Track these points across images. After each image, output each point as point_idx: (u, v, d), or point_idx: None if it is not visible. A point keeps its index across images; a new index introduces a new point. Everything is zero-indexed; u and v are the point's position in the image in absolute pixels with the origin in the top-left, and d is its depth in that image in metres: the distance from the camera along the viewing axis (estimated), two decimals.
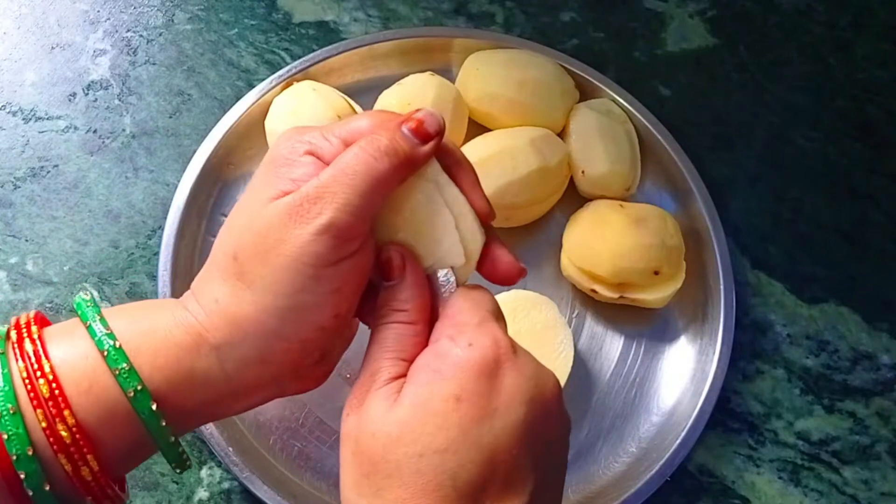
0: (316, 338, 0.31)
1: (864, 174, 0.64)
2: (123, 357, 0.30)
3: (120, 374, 0.29)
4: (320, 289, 0.31)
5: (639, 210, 0.56)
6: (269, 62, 0.65)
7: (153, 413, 0.30)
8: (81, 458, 0.29)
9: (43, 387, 0.29)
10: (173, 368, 0.30)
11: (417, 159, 0.33)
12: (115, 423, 0.30)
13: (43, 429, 0.29)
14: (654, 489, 0.50)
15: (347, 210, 0.31)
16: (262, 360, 0.31)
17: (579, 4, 0.69)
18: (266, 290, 0.31)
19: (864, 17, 0.71)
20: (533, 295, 0.54)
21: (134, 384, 0.29)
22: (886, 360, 0.58)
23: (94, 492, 0.30)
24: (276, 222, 0.31)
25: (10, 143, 0.61)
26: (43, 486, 0.29)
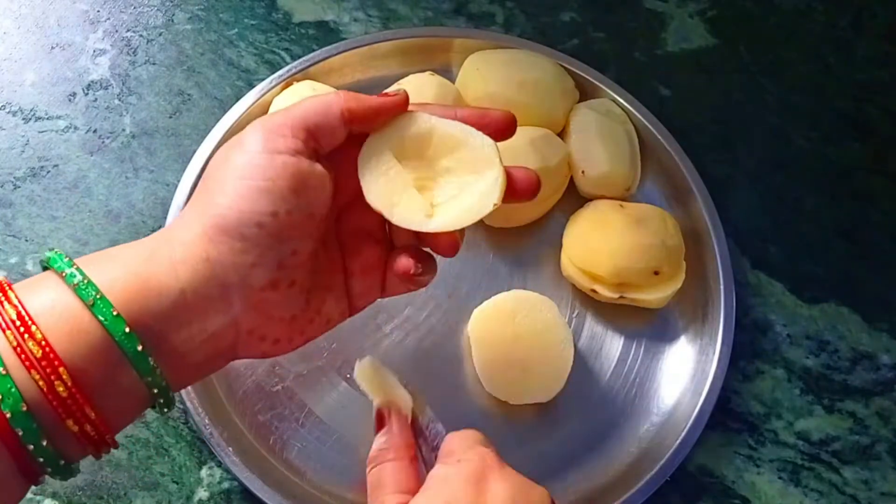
0: (255, 236, 0.33)
1: (864, 174, 0.64)
2: (93, 287, 0.31)
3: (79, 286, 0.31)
4: (253, 173, 0.34)
5: (639, 210, 0.56)
6: (269, 62, 0.65)
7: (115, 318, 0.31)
8: (53, 372, 0.29)
9: (9, 311, 0.30)
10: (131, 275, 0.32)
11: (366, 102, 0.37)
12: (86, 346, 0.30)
13: (13, 348, 0.29)
14: (654, 489, 0.50)
15: (287, 114, 0.36)
16: (207, 259, 0.33)
17: (579, 4, 0.69)
18: (214, 184, 0.34)
19: (864, 17, 0.71)
20: (533, 295, 0.54)
21: (91, 293, 0.31)
22: (886, 360, 0.58)
23: (73, 412, 0.30)
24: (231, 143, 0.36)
25: (10, 143, 0.61)
26: (41, 441, 0.29)
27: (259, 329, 0.35)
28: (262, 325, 0.35)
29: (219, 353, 0.35)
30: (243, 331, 0.35)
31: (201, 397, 0.51)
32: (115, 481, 0.50)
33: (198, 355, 0.34)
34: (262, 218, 0.33)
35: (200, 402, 0.50)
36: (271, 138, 0.35)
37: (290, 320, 0.36)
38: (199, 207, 0.34)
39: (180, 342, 0.33)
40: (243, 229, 0.33)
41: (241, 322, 0.34)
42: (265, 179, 0.33)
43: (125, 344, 0.31)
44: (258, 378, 0.53)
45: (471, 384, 0.54)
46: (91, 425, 0.30)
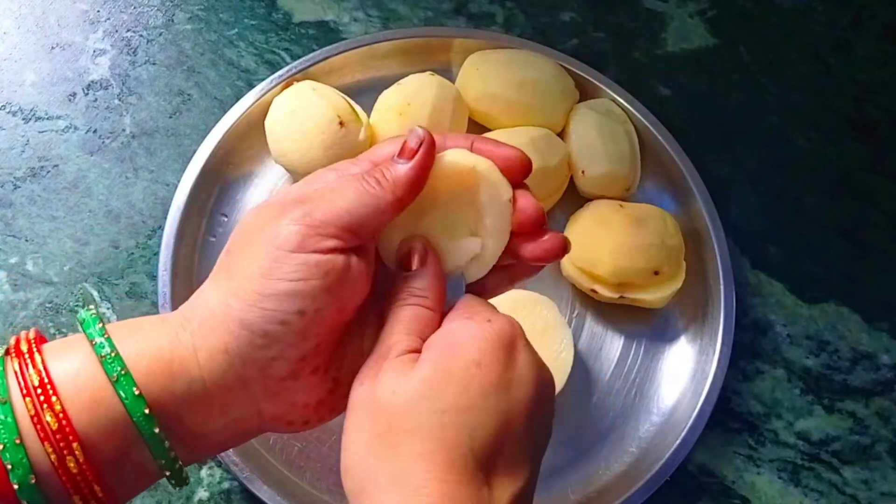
0: (278, 333, 0.31)
1: (864, 174, 0.64)
2: (110, 343, 0.30)
3: (105, 359, 0.30)
4: (284, 274, 0.31)
5: (639, 210, 0.56)
6: (269, 62, 0.65)
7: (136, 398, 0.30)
8: (67, 447, 0.29)
9: (33, 377, 0.29)
10: (154, 356, 0.31)
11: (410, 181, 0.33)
12: (103, 421, 0.30)
13: (31, 417, 0.29)
14: (654, 489, 0.50)
15: (328, 208, 0.32)
16: (227, 350, 0.31)
17: (579, 4, 0.69)
18: (239, 274, 0.32)
19: (864, 17, 0.71)
20: (533, 295, 0.54)
21: (117, 368, 0.30)
22: (886, 360, 0.58)
23: (81, 489, 0.30)
24: (266, 215, 0.33)
25: (10, 143, 0.61)
26: (28, 479, 0.29)
27: (284, 416, 0.33)
28: (287, 412, 0.33)
29: (242, 435, 0.34)
30: (267, 417, 0.33)
31: None
32: None
33: (218, 437, 0.33)
34: (287, 317, 0.31)
35: None
36: (310, 237, 0.31)
37: (316, 405, 0.34)
38: (222, 290, 0.32)
39: (199, 425, 0.32)
40: (266, 326, 0.31)
41: (265, 410, 0.33)
42: (294, 280, 0.31)
43: (142, 425, 0.30)
44: None
45: None
46: (96, 502, 0.30)
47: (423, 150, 0.34)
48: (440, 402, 0.30)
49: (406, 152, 0.34)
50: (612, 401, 0.55)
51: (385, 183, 0.33)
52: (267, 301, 0.31)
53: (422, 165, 0.34)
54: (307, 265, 0.31)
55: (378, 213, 0.33)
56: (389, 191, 0.33)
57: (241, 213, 0.59)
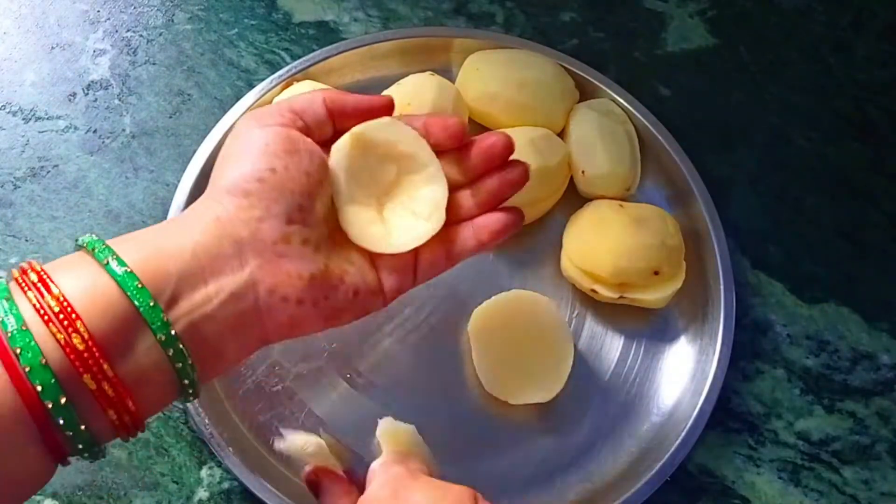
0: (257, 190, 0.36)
1: (864, 174, 0.64)
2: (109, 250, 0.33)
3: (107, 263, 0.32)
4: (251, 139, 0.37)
5: (639, 210, 0.56)
6: (269, 62, 0.65)
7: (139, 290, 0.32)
8: (98, 369, 0.30)
9: (52, 303, 0.30)
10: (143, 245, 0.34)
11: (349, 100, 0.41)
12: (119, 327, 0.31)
13: (57, 340, 0.30)
14: (654, 489, 0.50)
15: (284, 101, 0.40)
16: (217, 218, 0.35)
17: (579, 4, 0.69)
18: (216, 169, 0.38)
19: (864, 17, 0.71)
20: (533, 295, 0.54)
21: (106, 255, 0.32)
22: (886, 360, 0.58)
23: (116, 404, 0.31)
24: None
25: (10, 143, 0.61)
26: (59, 399, 0.29)
27: (279, 288, 0.35)
28: (282, 283, 0.36)
29: (244, 320, 0.35)
30: (262, 290, 0.35)
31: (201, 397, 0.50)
32: (115, 481, 0.50)
33: (219, 322, 0.34)
34: (261, 174, 0.36)
35: (200, 402, 0.50)
36: (260, 117, 0.39)
37: (309, 279, 0.36)
38: (209, 187, 0.38)
39: (197, 303, 0.33)
40: (246, 185, 0.36)
41: (259, 279, 0.35)
42: (260, 144, 0.37)
43: (137, 298, 0.31)
44: (258, 378, 0.53)
45: (471, 384, 0.54)
46: (109, 384, 0.30)
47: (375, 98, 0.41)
48: None
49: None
50: (612, 401, 0.55)
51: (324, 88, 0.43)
52: (242, 165, 0.37)
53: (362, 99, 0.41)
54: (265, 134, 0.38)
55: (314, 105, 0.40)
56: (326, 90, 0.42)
57: None
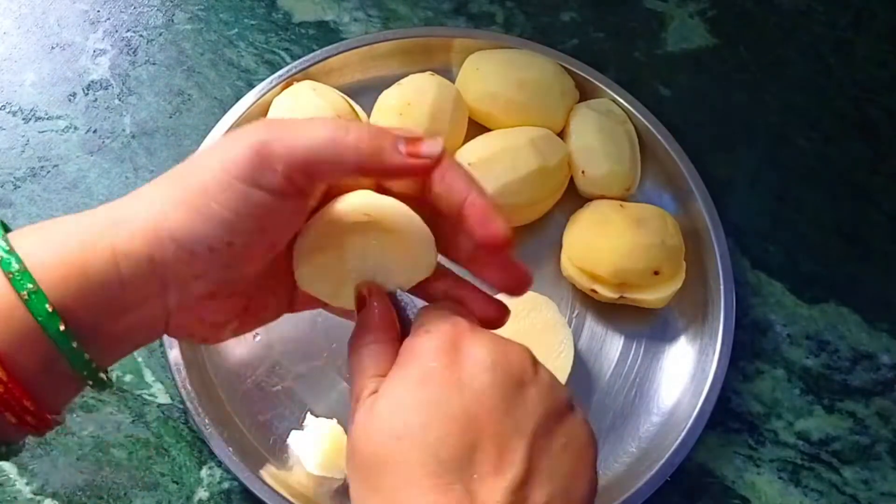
0: (205, 256, 0.31)
1: (864, 174, 0.64)
2: (17, 259, 0.29)
3: (13, 277, 0.29)
4: (223, 201, 0.30)
5: (639, 210, 0.56)
6: (269, 62, 0.65)
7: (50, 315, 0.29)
8: (17, 404, 0.29)
9: None
10: (66, 264, 0.30)
11: (388, 161, 0.32)
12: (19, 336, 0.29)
13: None
14: (654, 489, 0.50)
15: (291, 144, 0.31)
16: (151, 259, 0.30)
17: (579, 4, 0.69)
18: (182, 185, 0.31)
19: (864, 17, 0.71)
20: (533, 295, 0.54)
21: (26, 285, 0.29)
22: (886, 360, 0.58)
23: (12, 406, 0.29)
24: (230, 133, 0.32)
25: (10, 143, 0.61)
26: None
27: (188, 327, 0.34)
28: (193, 325, 0.34)
29: (147, 337, 0.34)
30: (172, 325, 0.33)
31: (201, 397, 0.51)
32: (115, 481, 0.50)
33: (127, 342, 0.33)
34: (215, 244, 0.31)
35: (200, 402, 0.50)
36: (260, 169, 0.30)
37: (222, 324, 0.34)
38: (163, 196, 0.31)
39: (114, 332, 0.31)
40: (194, 247, 0.30)
41: (173, 317, 0.32)
42: (231, 210, 0.30)
43: (60, 340, 0.29)
44: (258, 378, 0.53)
45: None
46: (31, 416, 0.30)
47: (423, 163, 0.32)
48: (394, 430, 0.30)
49: (412, 148, 0.32)
50: (612, 401, 0.55)
51: (360, 137, 0.31)
52: (199, 222, 0.30)
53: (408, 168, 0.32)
54: (246, 199, 0.30)
55: (335, 159, 0.31)
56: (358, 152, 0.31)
57: None
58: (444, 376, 0.30)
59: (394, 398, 0.30)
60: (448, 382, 0.30)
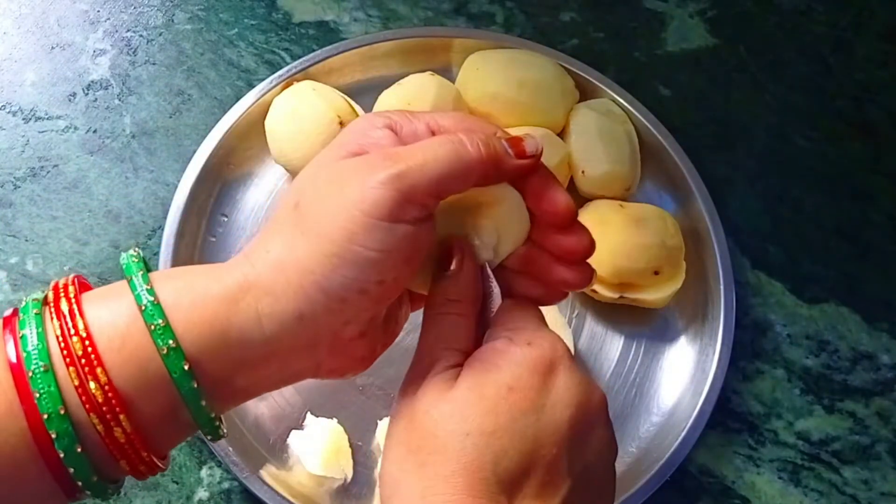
0: (356, 301, 0.30)
1: (864, 174, 0.64)
2: (160, 312, 0.29)
3: (155, 330, 0.29)
4: (370, 243, 0.30)
5: (639, 210, 0.56)
6: (269, 62, 0.65)
7: (185, 373, 0.29)
8: (114, 418, 0.28)
9: (76, 345, 0.28)
10: (208, 323, 0.30)
11: (505, 166, 0.33)
12: (148, 386, 0.29)
13: (75, 387, 0.28)
14: (654, 489, 0.50)
15: (423, 173, 0.30)
16: (301, 317, 0.30)
17: (579, 4, 0.69)
18: (319, 235, 0.30)
19: (864, 17, 0.71)
20: None
21: (167, 341, 0.29)
22: (886, 360, 0.58)
23: (129, 455, 0.29)
24: (346, 171, 0.31)
25: (10, 143, 0.61)
26: (75, 448, 0.28)
27: (340, 368, 0.34)
28: (345, 364, 0.34)
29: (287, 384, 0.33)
30: (324, 370, 0.33)
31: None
32: None
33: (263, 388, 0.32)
34: (367, 286, 0.30)
35: None
36: (401, 205, 0.30)
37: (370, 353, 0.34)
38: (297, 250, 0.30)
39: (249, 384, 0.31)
40: (345, 294, 0.30)
41: (324, 363, 0.33)
42: (379, 251, 0.30)
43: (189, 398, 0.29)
44: None
45: None
46: (144, 465, 0.30)
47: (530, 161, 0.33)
48: (465, 425, 0.30)
49: (518, 149, 0.33)
50: (612, 401, 0.55)
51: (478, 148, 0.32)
52: (348, 268, 0.30)
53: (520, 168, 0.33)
54: (394, 236, 0.30)
55: (464, 180, 0.32)
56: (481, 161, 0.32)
57: (241, 214, 0.59)
58: (530, 395, 0.31)
59: (477, 393, 0.30)
60: (532, 403, 0.31)
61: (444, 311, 0.33)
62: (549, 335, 0.33)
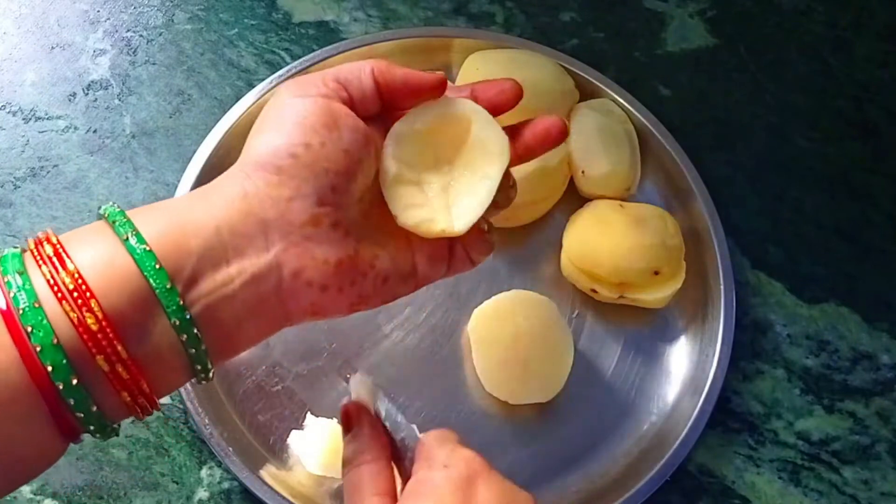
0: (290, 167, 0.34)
1: (864, 174, 0.64)
2: (124, 217, 0.32)
3: (117, 223, 0.32)
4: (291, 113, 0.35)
5: (639, 210, 0.56)
6: (269, 62, 0.65)
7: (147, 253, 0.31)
8: (113, 351, 0.29)
9: (66, 279, 0.30)
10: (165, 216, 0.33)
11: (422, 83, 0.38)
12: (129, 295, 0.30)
13: (70, 319, 0.29)
14: (654, 489, 0.50)
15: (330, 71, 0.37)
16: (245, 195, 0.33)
17: (579, 4, 0.69)
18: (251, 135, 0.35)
19: (864, 17, 0.71)
20: (533, 295, 0.54)
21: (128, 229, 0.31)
22: (886, 360, 0.58)
23: (129, 386, 0.30)
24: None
25: (10, 143, 0.61)
26: (71, 379, 0.29)
27: (304, 272, 0.34)
28: (307, 267, 0.34)
29: (264, 303, 0.34)
30: (287, 273, 0.33)
31: (201, 397, 0.51)
32: (115, 481, 0.50)
33: (238, 304, 0.33)
34: (294, 149, 0.34)
35: (200, 402, 0.50)
36: (302, 85, 0.36)
37: (336, 265, 0.34)
38: (240, 158, 0.35)
39: (217, 284, 0.32)
40: (277, 161, 0.33)
41: (283, 262, 0.33)
42: (297, 116, 0.34)
43: (154, 279, 0.30)
44: (258, 378, 0.53)
45: (471, 384, 0.54)
46: (122, 366, 0.30)
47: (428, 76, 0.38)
48: None
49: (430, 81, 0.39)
50: (612, 401, 0.55)
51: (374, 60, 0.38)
52: (276, 137, 0.34)
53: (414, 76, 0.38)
54: (305, 105, 0.35)
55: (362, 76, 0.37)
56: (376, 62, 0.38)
57: None
58: None
59: None
60: None
61: (358, 463, 0.36)
62: (465, 453, 0.35)
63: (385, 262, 0.37)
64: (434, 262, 0.39)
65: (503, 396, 0.52)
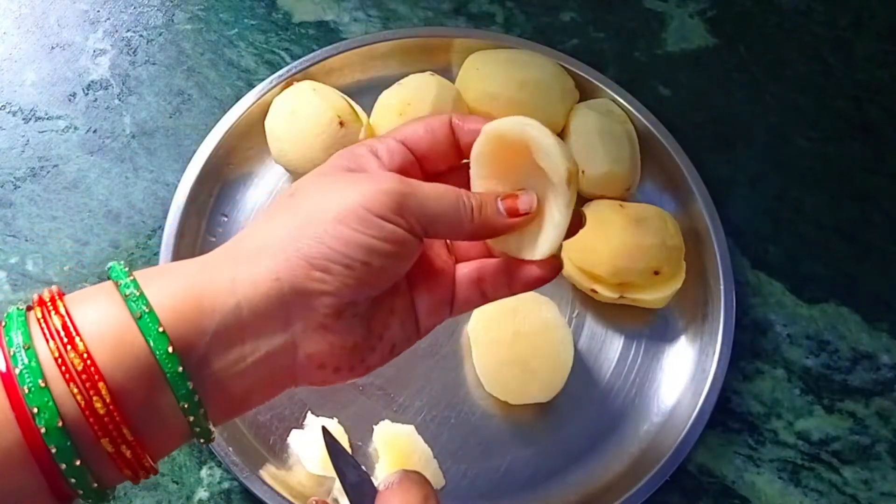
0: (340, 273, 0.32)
1: (864, 174, 0.64)
2: (144, 300, 0.30)
3: (140, 317, 0.30)
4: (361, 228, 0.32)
5: (639, 210, 0.56)
6: (269, 62, 0.65)
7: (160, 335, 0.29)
8: (119, 434, 0.29)
9: (75, 360, 0.29)
10: (181, 291, 0.31)
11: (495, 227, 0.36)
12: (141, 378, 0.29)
13: (77, 402, 0.28)
14: (654, 489, 0.50)
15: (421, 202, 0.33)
16: (277, 279, 0.31)
17: (579, 4, 0.69)
18: (310, 211, 0.32)
19: (864, 17, 0.71)
20: (533, 295, 0.54)
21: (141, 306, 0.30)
22: (886, 360, 0.58)
23: (132, 464, 0.30)
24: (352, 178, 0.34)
25: (10, 143, 0.61)
26: (74, 461, 0.28)
27: (318, 355, 0.33)
28: (322, 352, 0.33)
29: (275, 378, 0.33)
30: (301, 355, 0.33)
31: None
32: None
33: (248, 379, 0.32)
34: (353, 263, 0.32)
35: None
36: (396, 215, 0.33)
37: (351, 349, 0.34)
38: (287, 225, 0.32)
39: (229, 362, 0.31)
40: (331, 265, 0.31)
41: (300, 343, 0.33)
42: (370, 237, 0.32)
43: (166, 364, 0.29)
44: None
45: (471, 384, 0.54)
46: (127, 446, 0.29)
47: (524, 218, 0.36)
48: None
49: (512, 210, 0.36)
50: (612, 401, 0.55)
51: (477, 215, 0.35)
52: (337, 242, 0.31)
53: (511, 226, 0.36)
54: (384, 231, 0.32)
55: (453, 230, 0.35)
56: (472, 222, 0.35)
57: (241, 213, 0.59)
58: None
59: None
60: None
61: None
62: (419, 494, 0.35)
63: (395, 331, 0.36)
64: (437, 314, 0.38)
65: (503, 396, 0.52)
